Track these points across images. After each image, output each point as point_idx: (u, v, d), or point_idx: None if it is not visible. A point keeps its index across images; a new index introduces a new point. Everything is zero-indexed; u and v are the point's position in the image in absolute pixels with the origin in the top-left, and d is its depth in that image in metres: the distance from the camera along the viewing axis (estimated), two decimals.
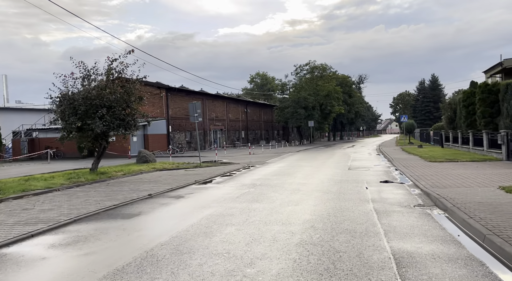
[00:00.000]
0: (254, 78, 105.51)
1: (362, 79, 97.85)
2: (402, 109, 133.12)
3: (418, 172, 13.99)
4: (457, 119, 28.04)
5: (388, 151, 28.97)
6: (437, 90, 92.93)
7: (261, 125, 60.38)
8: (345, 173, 15.14)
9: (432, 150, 26.37)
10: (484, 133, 19.50)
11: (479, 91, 20.45)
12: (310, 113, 52.04)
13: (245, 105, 54.85)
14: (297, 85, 55.07)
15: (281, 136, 68.80)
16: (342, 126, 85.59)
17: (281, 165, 19.93)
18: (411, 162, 18.27)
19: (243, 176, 15.10)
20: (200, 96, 43.41)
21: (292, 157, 26.50)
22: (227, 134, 49.10)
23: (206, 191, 11.35)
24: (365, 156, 25.13)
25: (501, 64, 36.63)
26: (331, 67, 56.94)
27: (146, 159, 21.10)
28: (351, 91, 75.70)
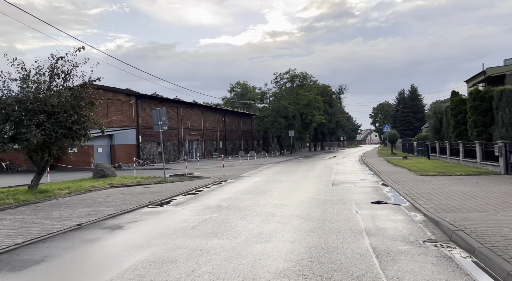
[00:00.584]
0: (234, 87, 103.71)
1: (342, 90, 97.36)
2: (382, 120, 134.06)
3: (412, 189, 12.07)
4: (444, 129, 26.67)
5: (372, 162, 27.26)
6: (416, 101, 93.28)
7: (240, 135, 58.23)
8: (329, 189, 13.09)
9: (419, 162, 24.78)
10: (477, 144, 17.93)
11: (470, 98, 18.96)
12: (291, 122, 50.30)
13: (223, 114, 52.65)
14: (277, 93, 53.35)
15: (261, 146, 66.80)
16: (323, 136, 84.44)
17: (257, 179, 17.75)
18: (401, 176, 16.43)
19: (210, 194, 12.82)
20: (174, 104, 40.98)
21: (271, 169, 24.39)
22: (203, 144, 46.67)
23: (157, 217, 9.02)
24: (349, 169, 23.27)
25: (484, 73, 35.89)
26: (312, 75, 55.62)
27: (103, 173, 18.53)
28: (331, 101, 74.74)
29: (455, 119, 21.92)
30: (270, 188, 14.07)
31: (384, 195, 11.63)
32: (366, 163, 27.13)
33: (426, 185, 13.11)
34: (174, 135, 40.47)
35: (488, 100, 18.16)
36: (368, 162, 27.54)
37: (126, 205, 10.54)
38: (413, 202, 9.76)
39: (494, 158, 16.50)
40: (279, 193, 12.61)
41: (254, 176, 19.46)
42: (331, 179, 16.88)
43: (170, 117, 39.85)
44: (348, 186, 14.15)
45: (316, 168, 24.05)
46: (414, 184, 13.56)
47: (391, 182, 14.39)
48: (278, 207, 9.76)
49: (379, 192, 12.22)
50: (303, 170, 22.92)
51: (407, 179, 15.32)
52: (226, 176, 19.86)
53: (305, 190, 13.24)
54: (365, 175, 18.73)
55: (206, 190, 13.99)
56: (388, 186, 13.68)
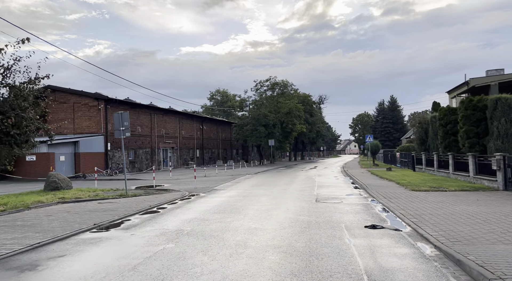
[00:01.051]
0: (214, 95, 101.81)
1: (322, 100, 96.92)
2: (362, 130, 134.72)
3: (409, 208, 10.44)
4: (430, 140, 25.53)
5: (356, 174, 25.80)
6: (396, 111, 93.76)
7: (218, 144, 56.16)
8: (313, 207, 11.32)
9: (405, 174, 23.45)
10: (470, 156, 16.62)
11: (462, 107, 17.73)
12: (271, 131, 48.72)
13: (201, 122, 50.56)
14: (257, 101, 51.76)
15: (240, 155, 64.87)
16: (303, 145, 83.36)
17: (232, 193, 15.82)
18: (391, 191, 14.87)
19: (173, 214, 10.81)
20: (148, 110, 38.66)
21: (249, 181, 22.50)
22: (179, 152, 44.37)
23: (94, 249, 6.96)
24: (332, 181, 21.65)
25: (467, 83, 35.36)
26: (292, 84, 54.40)
27: (56, 185, 16.19)
28: (312, 110, 73.82)
29: (443, 130, 20.72)
30: (245, 205, 12.17)
31: (378, 215, 9.93)
32: (349, 175, 25.64)
33: (422, 202, 11.52)
34: (147, 143, 38.10)
35: (481, 109, 16.96)
36: (351, 174, 26.06)
37: (63, 229, 8.42)
38: (415, 226, 8.08)
39: (489, 172, 15.20)
40: (255, 212, 10.73)
41: (229, 189, 17.52)
42: (314, 193, 15.14)
43: (143, 123, 37.54)
44: (334, 202, 12.42)
45: (297, 180, 22.33)
46: (408, 201, 11.97)
47: (381, 199, 12.76)
48: (252, 233, 7.88)
49: (371, 212, 10.53)
50: (283, 182, 21.15)
51: (399, 194, 13.75)
52: (198, 189, 17.84)
53: (285, 208, 11.41)
54: (351, 189, 17.10)
55: (170, 208, 11.96)
56: (380, 203, 12.03)
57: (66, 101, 33.00)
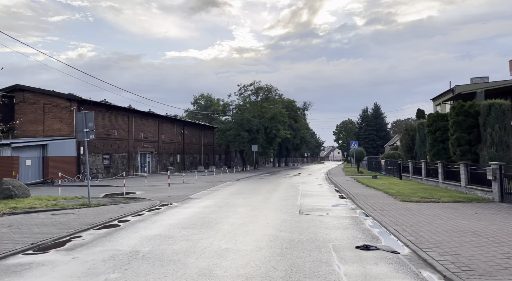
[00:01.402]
0: (198, 99, 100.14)
1: (307, 106, 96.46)
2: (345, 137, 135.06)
3: (403, 223, 9.28)
4: (417, 147, 24.71)
5: (341, 182, 24.72)
6: (379, 119, 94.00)
7: (200, 149, 54.53)
8: (296, 221, 10.04)
9: (392, 182, 22.47)
10: (462, 165, 15.69)
11: (453, 113, 16.84)
12: (254, 136, 47.48)
13: (182, 126, 48.91)
14: (240, 106, 50.50)
15: (223, 161, 63.34)
16: (287, 151, 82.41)
17: (207, 203, 14.41)
18: (380, 202, 13.74)
19: (134, 228, 9.35)
20: (125, 113, 36.86)
21: (229, 188, 21.10)
22: (158, 157, 42.58)
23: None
24: (317, 189, 20.46)
25: (453, 91, 34.98)
26: (277, 88, 53.42)
27: (10, 193, 14.44)
28: (296, 116, 73.05)
29: (432, 137, 19.83)
30: (220, 217, 10.79)
31: (369, 232, 8.71)
32: (334, 183, 24.54)
33: (416, 216, 10.39)
34: (123, 147, 36.26)
35: (473, 115, 16.09)
36: (336, 182, 24.97)
37: None
38: (414, 247, 6.87)
39: (483, 182, 14.27)
40: (229, 226, 9.37)
41: (205, 198, 16.08)
42: (298, 203, 13.88)
43: (120, 127, 35.74)
44: (320, 215, 11.16)
45: (280, 188, 21.06)
46: (400, 214, 10.82)
47: (371, 211, 11.59)
48: (222, 256, 6.52)
49: (361, 227, 9.31)
50: (265, 190, 19.84)
51: (389, 206, 12.62)
52: (171, 197, 16.35)
53: (264, 221, 10.09)
54: (337, 198, 15.92)
55: (133, 220, 10.47)
56: (369, 216, 10.84)
57: (36, 102, 31.01)
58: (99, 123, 32.66)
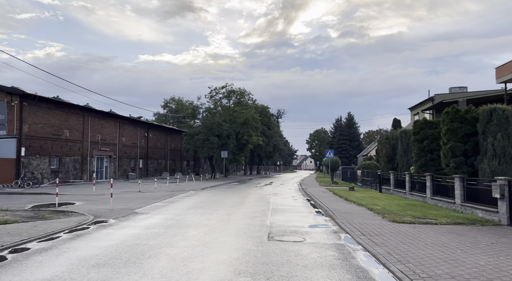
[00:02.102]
0: (168, 103, 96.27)
1: (281, 114, 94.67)
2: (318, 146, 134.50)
3: (408, 259, 6.76)
4: (398, 158, 22.72)
5: (316, 194, 22.31)
6: (353, 129, 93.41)
7: (166, 154, 51.00)
8: (263, 254, 7.33)
9: (372, 196, 20.25)
10: (457, 179, 13.55)
11: (446, 119, 14.77)
12: (225, 142, 44.62)
13: (147, 129, 45.35)
14: (211, 109, 47.58)
15: (191, 167, 59.92)
16: (259, 159, 79.96)
17: (153, 221, 11.46)
18: (366, 222, 11.29)
19: (21, 267, 6.32)
20: (80, 112, 33.12)
21: (188, 200, 18.16)
22: (118, 162, 38.85)
23: None
24: (290, 203, 17.88)
25: (432, 100, 33.63)
26: (250, 92, 50.89)
27: None
28: (270, 123, 70.89)
29: (419, 146, 17.77)
30: (159, 245, 7.92)
31: (365, 275, 6.10)
32: (309, 195, 22.08)
33: (419, 245, 7.94)
34: (76, 150, 32.47)
35: (470, 122, 14.05)
36: (311, 193, 22.53)
37: None
38: None
39: (483, 200, 12.16)
40: (166, 264, 6.52)
41: (154, 213, 13.11)
42: (267, 223, 11.20)
43: (72, 126, 31.99)
44: (295, 242, 8.52)
45: (248, 201, 18.33)
46: (397, 241, 8.35)
47: (359, 236, 9.07)
48: None
49: (352, 264, 6.71)
50: (231, 203, 17.04)
51: (379, 228, 10.17)
52: (113, 211, 13.26)
53: (219, 254, 7.32)
54: (314, 216, 13.36)
55: (33, 250, 7.41)
56: (359, 245, 8.29)
57: None
58: (47, 121, 28.90)
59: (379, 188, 23.36)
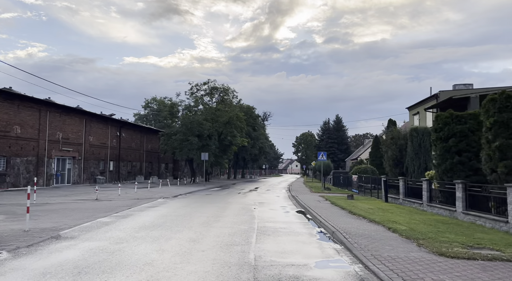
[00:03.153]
0: (149, 103, 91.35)
1: (267, 116, 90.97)
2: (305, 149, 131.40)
3: None
4: (408, 161, 19.09)
5: (311, 203, 18.45)
6: (341, 132, 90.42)
7: (142, 156, 46.47)
8: None
9: (381, 207, 16.49)
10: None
11: (492, 108, 11.08)
12: (206, 143, 40.49)
13: (119, 127, 40.82)
14: (190, 107, 43.38)
15: (170, 171, 55.42)
16: (244, 162, 75.98)
17: (67, 256, 7.34)
18: (401, 255, 7.43)
19: None
20: (35, 105, 28.49)
21: (147, 214, 14.01)
22: (83, 164, 34.25)
23: None
24: (281, 217, 13.93)
25: (437, 96, 30.29)
26: (234, 90, 46.90)
27: None
28: (255, 124, 67.05)
29: (443, 146, 14.10)
30: None
31: None
32: (302, 204, 18.21)
33: None
34: (30, 149, 27.84)
35: None
36: (304, 203, 18.65)
37: None
38: None
39: None
40: None
41: (83, 239, 8.96)
42: (250, 258, 7.23)
43: (25, 122, 27.38)
44: None
45: (227, 214, 14.30)
46: None
47: None
48: None
49: None
50: (203, 218, 12.98)
51: (427, 269, 6.33)
52: (25, 234, 9.07)
53: None
54: (317, 241, 9.45)
55: None
56: None
57: None
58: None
59: (384, 197, 19.65)
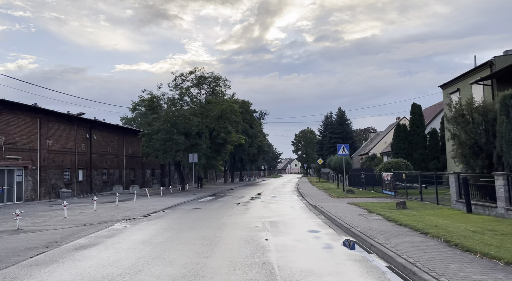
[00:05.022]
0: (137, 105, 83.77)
1: (263, 115, 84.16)
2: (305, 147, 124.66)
3: None
4: (502, 145, 12.14)
5: (353, 221, 11.55)
6: (345, 125, 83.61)
7: (121, 162, 39.28)
8: None
9: (482, 226, 9.59)
10: None
11: None
12: (195, 142, 33.48)
13: (89, 128, 33.65)
14: (174, 100, 36.29)
15: (157, 177, 48.21)
16: (242, 164, 69.06)
17: None
18: None
19: None
20: None
21: (100, 253, 7.02)
22: (39, 176, 27.08)
23: None
24: (325, 264, 7.00)
25: (491, 64, 23.51)
26: (227, 79, 39.82)
27: None
28: (252, 121, 60.10)
29: None
30: None
31: None
32: (342, 224, 11.29)
33: None
34: None
35: None
36: (343, 221, 11.71)
37: None
38: None
39: None
40: None
41: None
42: None
43: None
44: None
45: (217, 265, 7.34)
46: None
47: None
48: None
49: None
50: (178, 268, 6.00)
51: None
52: None
53: None
54: None
55: None
56: None
57: None
58: None
59: (466, 205, 12.64)
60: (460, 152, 13.23)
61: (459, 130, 13.28)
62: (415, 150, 31.80)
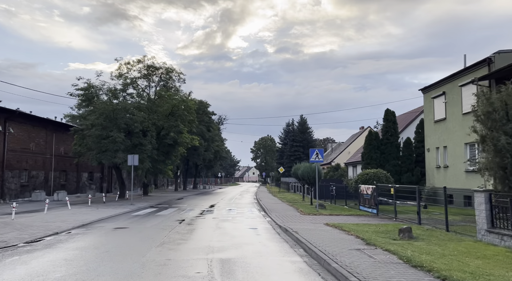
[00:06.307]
0: (71, 94, 75.44)
1: (222, 120, 79.31)
2: (264, 155, 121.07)
3: None
4: None
5: (359, 265, 7.18)
6: (306, 134, 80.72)
7: (48, 162, 32.60)
8: None
9: None
10: None
11: None
12: (139, 142, 27.99)
13: (3, 119, 27.03)
14: (116, 91, 30.54)
15: (97, 181, 41.49)
16: (196, 169, 63.54)
17: None
18: None
19: None
20: None
21: None
22: None
23: None
24: None
25: (489, 62, 20.46)
26: (182, 72, 34.70)
27: None
28: (210, 123, 55.15)
29: None
30: None
31: None
32: (343, 275, 6.84)
33: None
34: None
35: None
36: (344, 268, 7.31)
37: None
38: None
39: None
40: None
41: None
42: None
43: None
44: None
45: None
46: None
47: None
48: None
49: None
50: None
51: None
52: None
53: None
54: None
55: None
56: None
57: None
58: None
59: (502, 233, 8.66)
60: (496, 162, 9.31)
61: (496, 130, 9.37)
62: (387, 161, 28.45)
